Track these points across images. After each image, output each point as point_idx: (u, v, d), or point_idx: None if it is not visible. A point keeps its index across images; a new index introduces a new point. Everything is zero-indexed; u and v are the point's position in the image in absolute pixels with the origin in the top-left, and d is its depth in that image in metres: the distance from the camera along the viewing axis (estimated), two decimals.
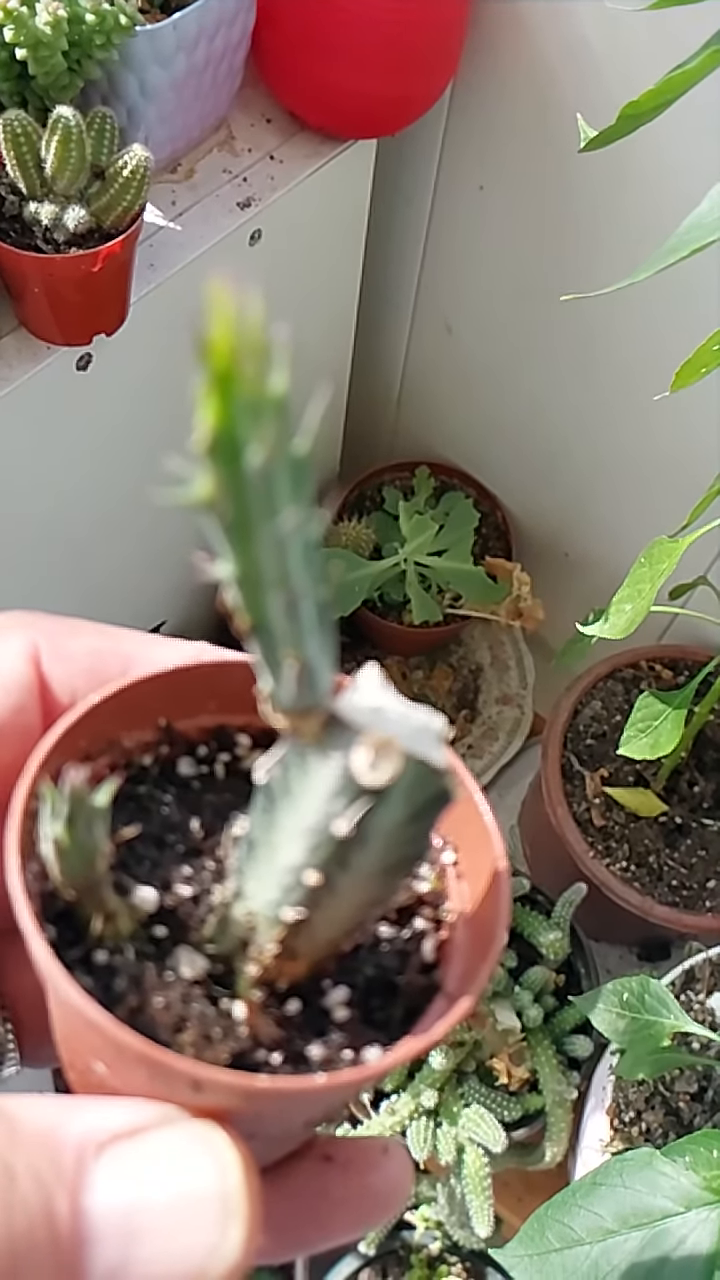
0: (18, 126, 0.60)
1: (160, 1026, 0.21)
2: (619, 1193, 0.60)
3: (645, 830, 0.89)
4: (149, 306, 0.73)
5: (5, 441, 0.71)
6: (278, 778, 0.20)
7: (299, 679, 0.18)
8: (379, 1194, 0.25)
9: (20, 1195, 0.18)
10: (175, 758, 0.25)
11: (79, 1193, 0.19)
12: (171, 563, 1.00)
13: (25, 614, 0.27)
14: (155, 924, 0.22)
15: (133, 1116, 0.20)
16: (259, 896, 0.21)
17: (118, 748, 0.24)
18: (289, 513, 0.16)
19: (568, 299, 0.60)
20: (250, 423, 0.15)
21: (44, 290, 0.64)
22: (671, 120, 0.56)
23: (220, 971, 0.22)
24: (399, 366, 1.11)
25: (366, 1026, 0.22)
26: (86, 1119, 0.20)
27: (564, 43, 0.76)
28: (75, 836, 0.20)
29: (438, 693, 1.14)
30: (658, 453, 0.90)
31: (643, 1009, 0.71)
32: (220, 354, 0.15)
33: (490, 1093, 0.83)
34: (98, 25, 0.62)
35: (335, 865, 0.20)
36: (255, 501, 0.16)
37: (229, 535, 0.16)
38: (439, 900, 0.24)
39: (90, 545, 0.89)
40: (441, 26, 0.76)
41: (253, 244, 0.80)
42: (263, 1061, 0.21)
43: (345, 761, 0.19)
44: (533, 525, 1.09)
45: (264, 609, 0.17)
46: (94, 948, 0.21)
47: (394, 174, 0.93)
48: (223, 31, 0.71)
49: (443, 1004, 0.22)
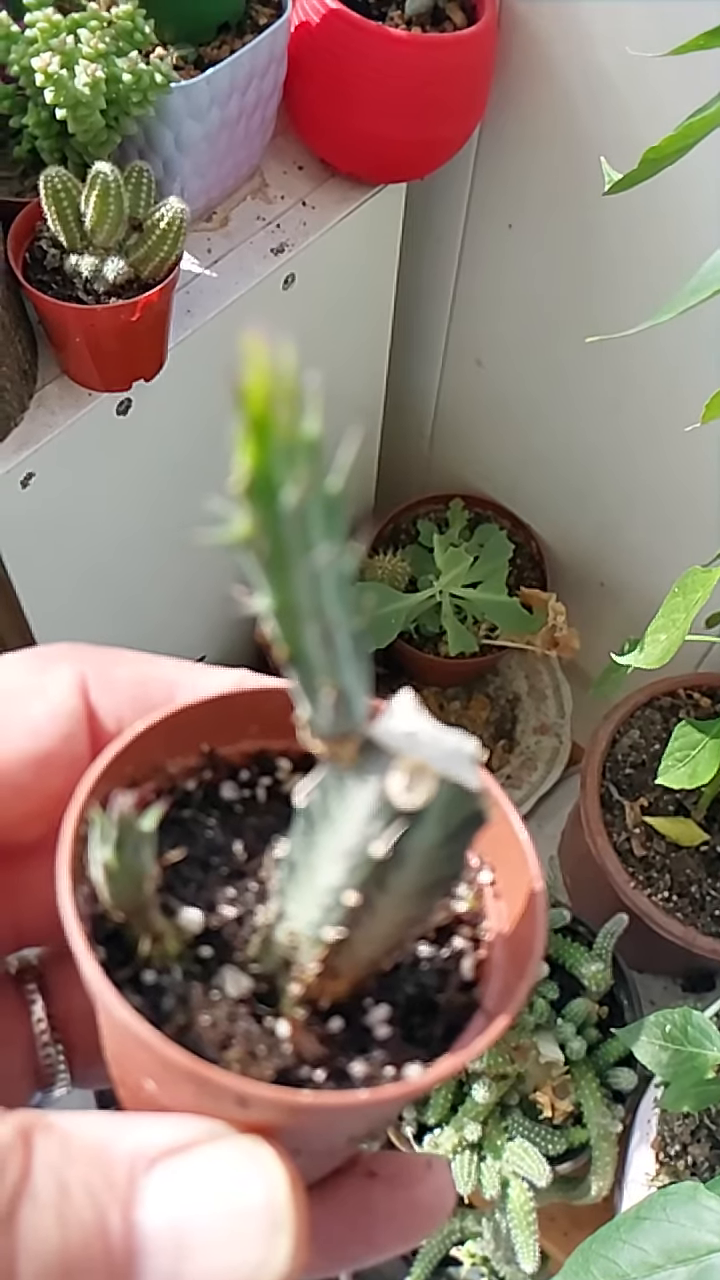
0: (58, 182, 0.62)
1: (207, 1044, 0.21)
2: (663, 1227, 0.59)
3: (686, 860, 0.89)
4: (187, 351, 0.75)
5: (50, 485, 0.73)
6: (317, 801, 0.21)
7: (335, 706, 0.19)
8: (423, 1208, 0.25)
9: (74, 1209, 0.19)
10: (218, 782, 0.25)
11: (131, 1207, 0.19)
12: (212, 599, 1.02)
13: (71, 645, 0.27)
14: (201, 944, 0.23)
15: (181, 1132, 0.20)
16: (300, 917, 0.22)
17: (163, 773, 0.25)
18: (323, 549, 0.17)
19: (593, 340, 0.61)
20: (285, 465, 0.16)
21: (85, 339, 0.66)
22: (693, 162, 0.57)
23: (264, 990, 0.23)
24: (431, 402, 1.12)
25: (407, 1044, 0.23)
26: (137, 1135, 0.20)
27: (589, 85, 0.77)
28: (123, 860, 0.21)
29: (475, 723, 1.14)
30: (690, 482, 0.90)
31: (686, 1041, 0.70)
32: (256, 400, 0.16)
33: (534, 1126, 0.82)
34: (134, 84, 0.64)
35: (373, 886, 0.20)
36: (291, 539, 0.17)
37: (266, 571, 0.17)
38: (477, 920, 0.25)
39: (132, 583, 0.91)
40: (468, 72, 0.78)
41: (286, 288, 0.82)
42: (306, 1078, 0.22)
43: (381, 785, 0.19)
44: (567, 555, 1.10)
45: (301, 640, 0.18)
46: (142, 968, 0.22)
47: (424, 215, 0.95)
48: (255, 84, 0.73)
49: (481, 1021, 0.23)
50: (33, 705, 0.25)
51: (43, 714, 0.25)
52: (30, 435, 0.71)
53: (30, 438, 0.70)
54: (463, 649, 1.03)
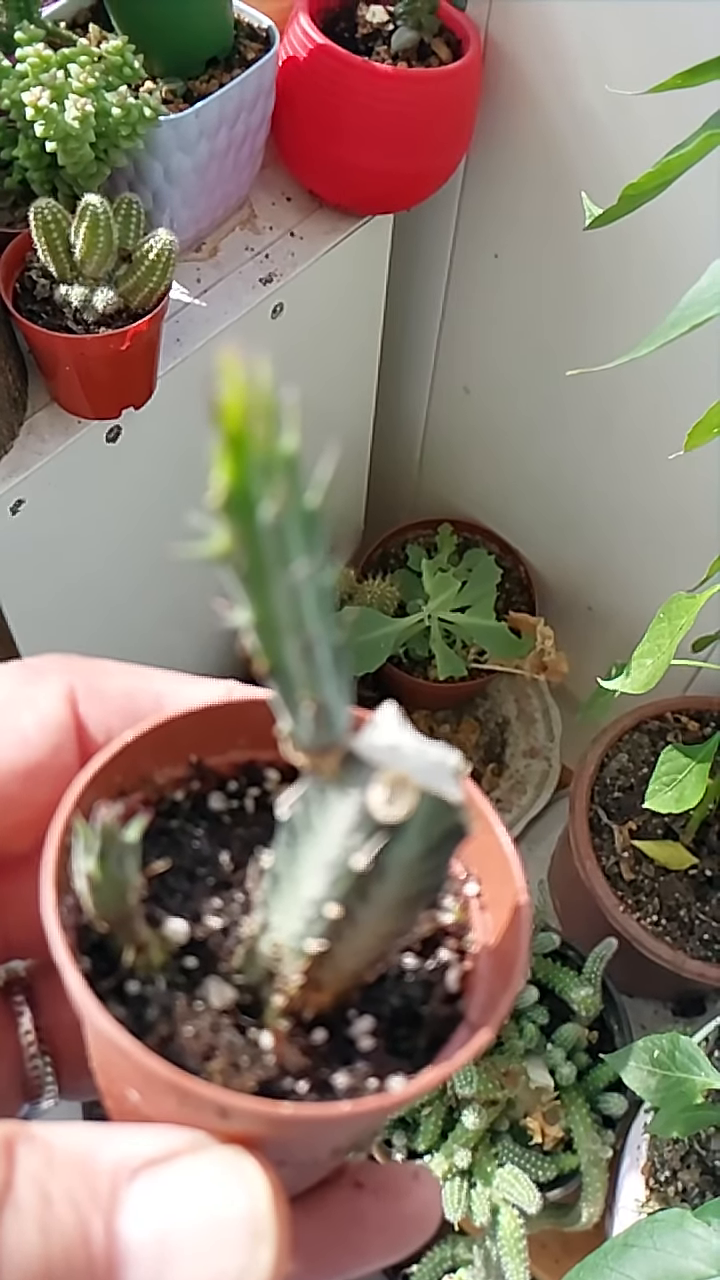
0: (48, 214, 0.63)
1: (190, 1055, 0.21)
2: (650, 1255, 0.59)
3: (675, 883, 0.89)
4: (176, 380, 0.76)
5: (39, 512, 0.73)
6: (299, 813, 0.21)
7: (316, 719, 0.19)
8: (411, 1219, 0.25)
9: (57, 1219, 0.19)
10: (206, 792, 0.25)
11: (113, 1216, 0.19)
12: (200, 625, 1.02)
13: (60, 656, 0.28)
14: (186, 955, 0.23)
15: (164, 1143, 0.20)
16: (284, 929, 0.22)
17: (150, 784, 0.25)
18: (301, 563, 0.17)
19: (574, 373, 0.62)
20: (262, 480, 0.17)
21: (75, 368, 0.67)
22: (675, 195, 0.58)
23: (248, 1001, 0.23)
24: (420, 428, 1.13)
25: (391, 1056, 0.23)
26: (119, 1145, 0.20)
27: (573, 119, 0.79)
28: (107, 871, 0.21)
29: (465, 746, 1.14)
30: (674, 508, 0.91)
31: (674, 1066, 0.70)
32: (232, 416, 0.16)
33: (524, 1152, 0.82)
34: (124, 118, 0.65)
35: (355, 898, 0.21)
36: (269, 553, 0.17)
37: (245, 585, 0.18)
38: (463, 931, 0.25)
39: (121, 609, 0.91)
40: (453, 106, 0.79)
41: (275, 317, 0.82)
42: (289, 1089, 0.22)
43: (362, 798, 0.20)
44: (555, 580, 1.11)
45: (281, 653, 0.18)
46: (126, 978, 0.22)
47: (412, 245, 0.97)
48: (243, 117, 0.74)
49: (465, 1033, 0.23)
50: (21, 716, 0.25)
51: (32, 725, 0.25)
52: (20, 462, 0.71)
53: (20, 465, 0.71)
54: (451, 673, 1.03)
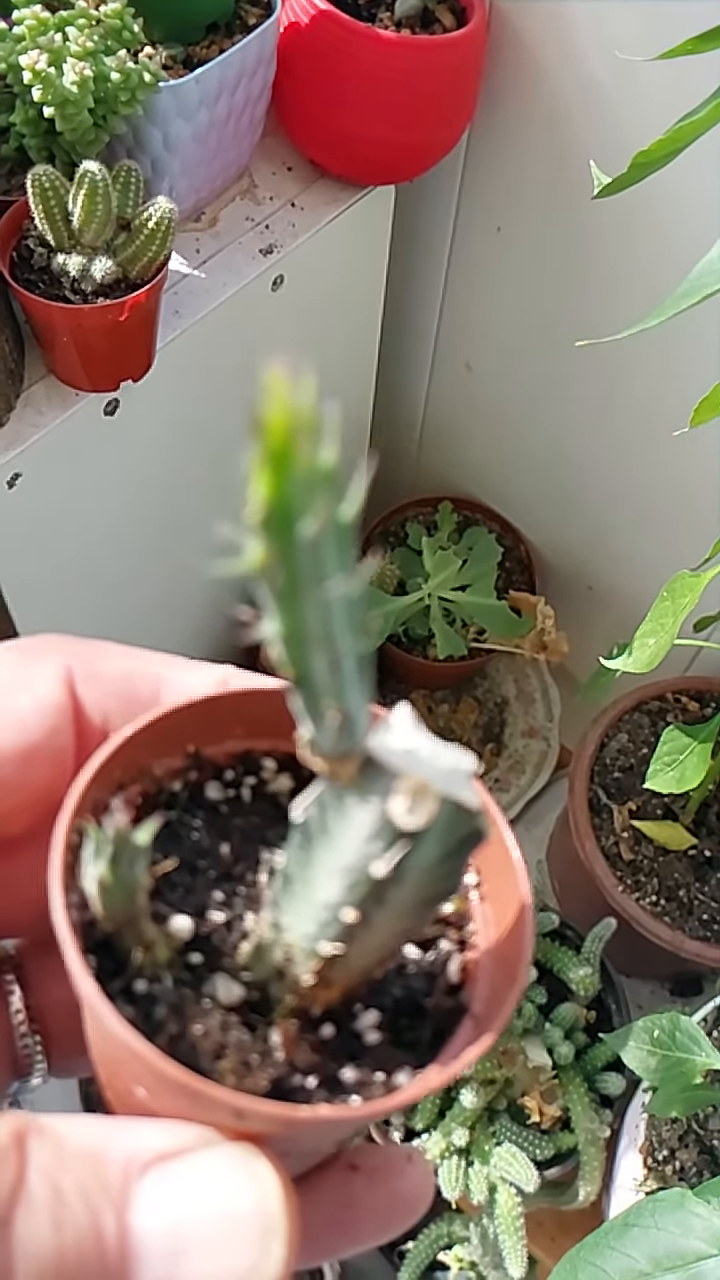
0: (45, 181, 0.62)
1: (201, 1054, 0.21)
2: (651, 1234, 0.59)
3: (675, 864, 0.89)
4: (175, 352, 0.75)
5: (36, 485, 0.72)
6: (314, 817, 0.21)
7: (340, 728, 0.19)
8: (404, 1201, 0.25)
9: (69, 1213, 0.19)
10: (203, 782, 0.25)
11: (125, 1211, 0.19)
12: (196, 600, 1.02)
13: (57, 637, 0.27)
14: (190, 951, 0.23)
15: (174, 1138, 0.20)
16: (296, 930, 0.21)
17: (149, 776, 0.24)
18: (337, 580, 0.17)
19: (582, 345, 0.61)
20: (304, 497, 0.16)
21: (72, 339, 0.66)
22: (681, 168, 0.57)
23: (255, 998, 0.22)
24: (420, 404, 1.12)
25: (396, 1048, 0.23)
26: (129, 1139, 0.20)
27: (579, 87, 0.77)
28: (118, 875, 0.20)
29: (463, 726, 1.14)
30: (678, 486, 0.91)
31: (674, 1046, 0.70)
32: (276, 433, 0.16)
33: (522, 1131, 0.82)
34: (123, 83, 0.63)
35: (372, 902, 0.20)
36: (305, 569, 0.17)
37: (278, 599, 0.17)
38: (463, 922, 0.25)
39: (117, 583, 0.90)
40: (457, 74, 0.78)
41: (275, 289, 0.81)
42: (299, 1086, 0.21)
43: (383, 805, 0.19)
44: (556, 559, 1.10)
45: (308, 665, 0.18)
46: (133, 977, 0.22)
47: (413, 217, 0.95)
48: (244, 84, 0.73)
49: (470, 1026, 0.23)
50: (18, 698, 0.25)
51: (28, 707, 0.25)
52: (17, 435, 0.70)
53: (17, 438, 0.70)
54: (451, 652, 1.03)
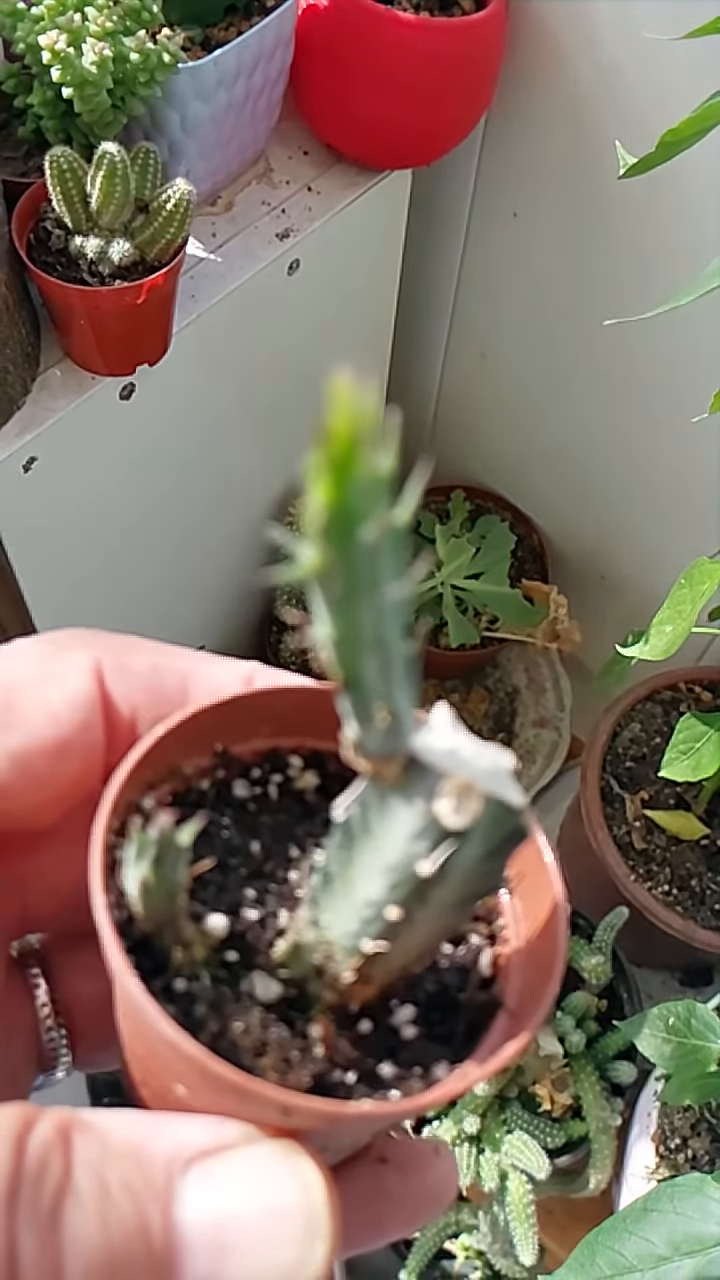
0: (64, 163, 0.61)
1: (242, 1051, 0.21)
2: (670, 1219, 0.59)
3: (687, 853, 0.89)
4: (191, 336, 0.74)
5: (52, 469, 0.72)
6: (356, 816, 0.20)
7: (387, 729, 0.18)
8: (432, 1192, 0.25)
9: (116, 1209, 0.19)
10: (230, 780, 0.25)
11: (170, 1206, 0.19)
12: (212, 587, 1.01)
13: (85, 631, 0.27)
14: (226, 948, 0.23)
15: (217, 1134, 0.20)
16: (336, 928, 0.21)
17: (179, 774, 0.25)
18: (393, 586, 0.17)
19: (610, 323, 0.61)
20: (365, 505, 0.16)
21: (89, 322, 0.65)
22: (703, 150, 0.56)
23: (293, 995, 0.22)
24: (434, 391, 1.12)
25: (432, 1043, 0.23)
26: (172, 1135, 0.20)
27: (598, 70, 0.76)
28: (160, 876, 0.20)
29: (474, 716, 1.14)
30: (694, 474, 0.90)
31: (689, 1033, 0.70)
32: (340, 440, 0.16)
33: (533, 1119, 0.82)
34: (142, 64, 0.63)
35: (415, 900, 0.20)
36: (363, 574, 0.17)
37: (333, 605, 0.17)
38: (492, 916, 0.25)
39: (133, 569, 0.90)
40: (476, 58, 0.77)
41: (291, 273, 0.81)
42: (339, 1082, 0.22)
43: (427, 805, 0.19)
44: (569, 548, 1.09)
45: (359, 668, 0.18)
46: (173, 976, 0.22)
47: (429, 202, 0.94)
48: (262, 66, 0.72)
49: (505, 1020, 0.23)
50: (50, 692, 0.25)
51: (60, 701, 0.25)
52: (33, 419, 0.70)
53: (32, 422, 0.69)
54: (463, 641, 1.02)
